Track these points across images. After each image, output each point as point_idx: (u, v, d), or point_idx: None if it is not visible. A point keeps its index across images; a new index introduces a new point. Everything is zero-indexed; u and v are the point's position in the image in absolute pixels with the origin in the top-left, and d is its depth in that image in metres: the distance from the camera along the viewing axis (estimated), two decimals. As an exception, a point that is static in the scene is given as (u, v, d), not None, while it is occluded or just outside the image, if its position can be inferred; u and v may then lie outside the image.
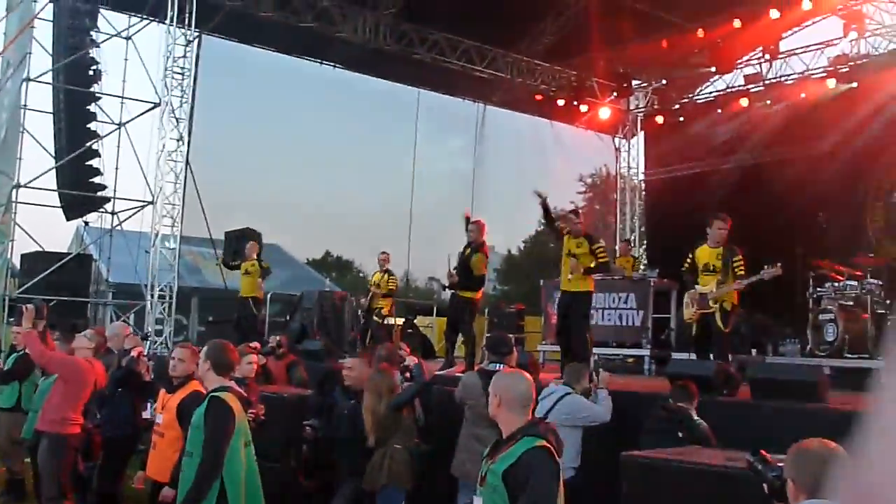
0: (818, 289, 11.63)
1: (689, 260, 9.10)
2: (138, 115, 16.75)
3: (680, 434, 6.20)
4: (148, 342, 13.49)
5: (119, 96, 17.10)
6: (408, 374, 7.36)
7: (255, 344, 9.31)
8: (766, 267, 8.67)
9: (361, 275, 39.83)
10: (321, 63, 18.85)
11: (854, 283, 11.30)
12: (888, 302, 11.18)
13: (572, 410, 6.70)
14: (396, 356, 7.77)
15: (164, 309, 15.26)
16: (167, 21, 15.39)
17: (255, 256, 13.72)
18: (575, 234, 9.54)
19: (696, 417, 6.49)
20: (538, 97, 20.33)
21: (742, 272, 8.67)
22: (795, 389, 7.05)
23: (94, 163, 16.67)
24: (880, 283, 11.26)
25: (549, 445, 3.81)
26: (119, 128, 17.10)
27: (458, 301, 10.61)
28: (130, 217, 16.77)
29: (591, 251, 9.37)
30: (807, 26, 17.81)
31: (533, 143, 21.86)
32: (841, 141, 15.98)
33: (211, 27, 16.65)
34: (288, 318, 16.53)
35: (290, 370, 10.54)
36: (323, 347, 12.53)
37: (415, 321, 17.35)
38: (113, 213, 17.21)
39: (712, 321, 8.73)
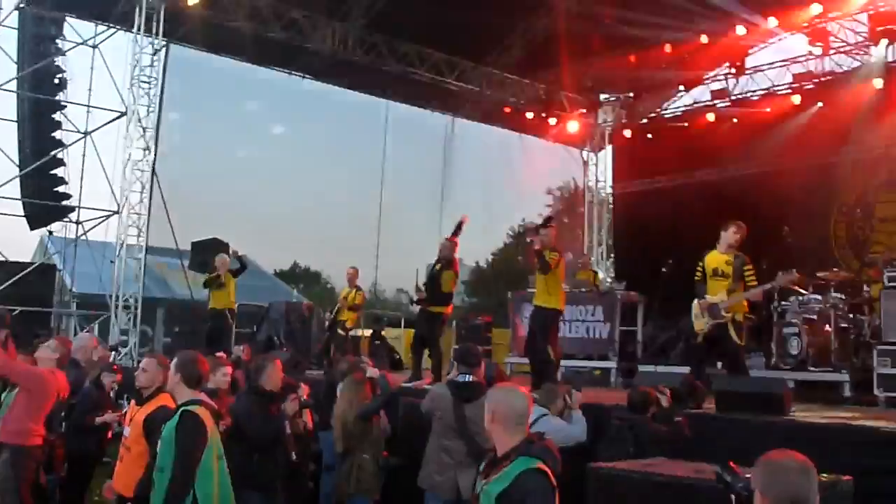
0: (783, 302, 11.73)
1: (700, 268, 8.85)
2: (104, 124, 16.62)
3: (632, 442, 6.26)
4: (114, 354, 13.33)
5: (85, 105, 16.95)
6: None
7: (221, 354, 9.25)
8: (780, 273, 8.69)
9: (329, 286, 39.77)
10: (290, 73, 18.78)
11: (818, 297, 11.41)
12: (851, 316, 11.33)
13: (549, 432, 6.69)
14: (358, 370, 7.75)
15: (129, 320, 15.10)
16: (134, 29, 15.28)
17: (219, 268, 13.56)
18: (549, 247, 9.61)
19: (651, 424, 6.54)
20: (507, 110, 20.38)
21: (753, 283, 8.57)
22: (760, 402, 7.13)
23: (59, 172, 16.52)
24: (844, 297, 11.40)
25: (545, 467, 3.68)
26: (85, 137, 16.94)
27: (427, 315, 10.60)
28: (96, 227, 16.62)
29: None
30: (772, 43, 18.07)
31: (502, 155, 21.95)
32: (805, 156, 16.19)
33: (179, 36, 16.57)
34: (255, 329, 16.42)
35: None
36: (290, 359, 12.44)
37: (382, 333, 17.28)
38: (78, 223, 17.02)
39: (726, 334, 8.53)
